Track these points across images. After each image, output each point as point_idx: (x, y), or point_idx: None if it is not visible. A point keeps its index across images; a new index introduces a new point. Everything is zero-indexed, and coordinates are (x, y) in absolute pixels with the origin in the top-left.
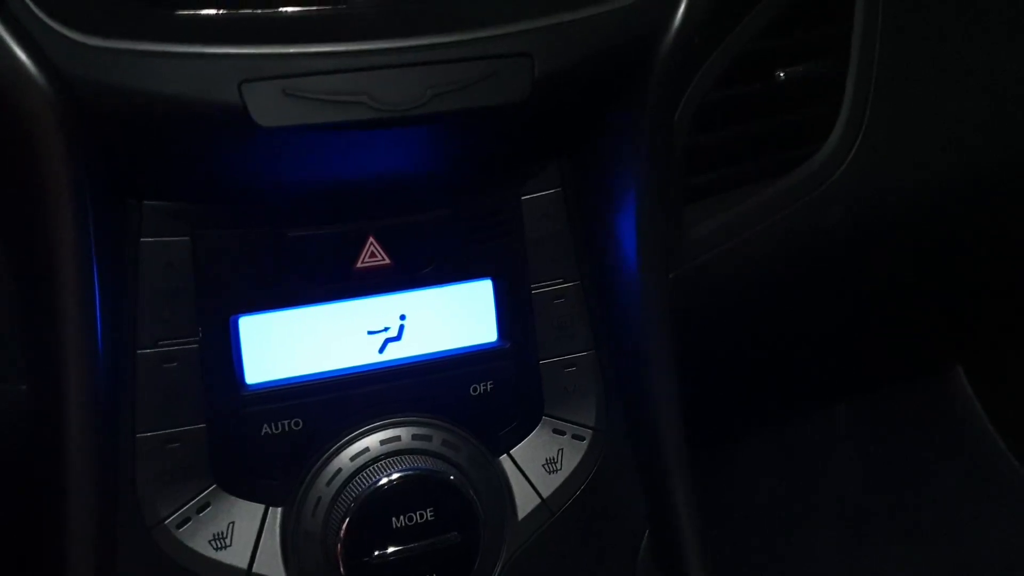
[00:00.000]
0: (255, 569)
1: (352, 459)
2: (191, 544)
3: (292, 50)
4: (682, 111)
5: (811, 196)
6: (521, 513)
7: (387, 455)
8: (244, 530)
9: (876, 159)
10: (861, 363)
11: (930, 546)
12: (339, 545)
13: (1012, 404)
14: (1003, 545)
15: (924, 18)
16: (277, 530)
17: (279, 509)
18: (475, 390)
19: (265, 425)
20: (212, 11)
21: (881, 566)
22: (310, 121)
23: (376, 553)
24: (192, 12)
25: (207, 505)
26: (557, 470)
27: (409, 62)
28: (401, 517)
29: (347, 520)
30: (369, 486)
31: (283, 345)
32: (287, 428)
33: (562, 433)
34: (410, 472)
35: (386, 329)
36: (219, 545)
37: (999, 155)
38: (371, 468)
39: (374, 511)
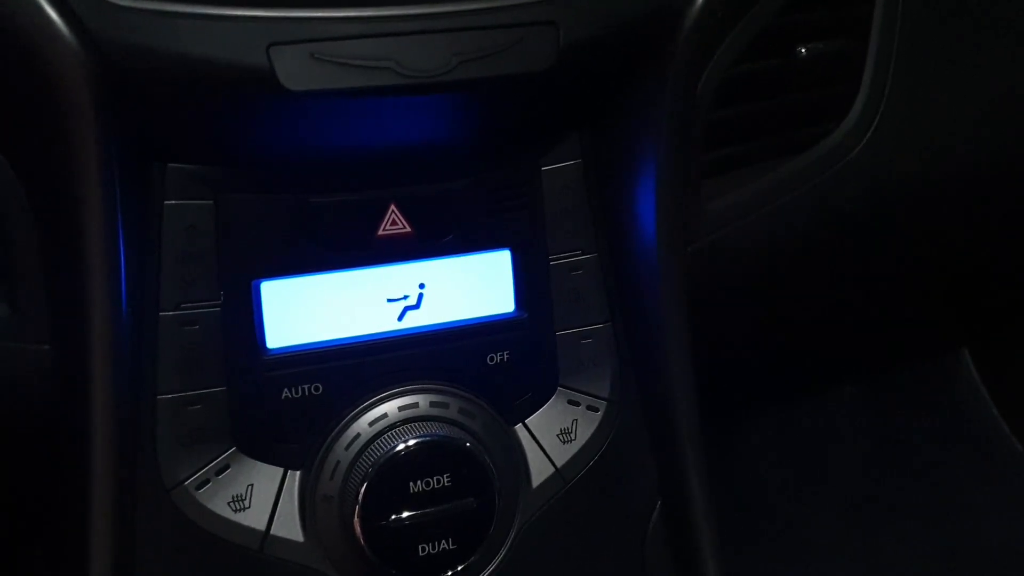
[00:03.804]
0: (273, 531)
1: (370, 424)
2: (210, 506)
3: (320, 14)
4: (704, 85)
5: (828, 174)
6: (535, 481)
7: (405, 421)
8: (263, 493)
9: (893, 139)
10: (869, 343)
11: (933, 529)
12: (357, 509)
13: (1017, 389)
14: (1006, 529)
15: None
16: (295, 493)
17: (298, 473)
18: (491, 359)
19: (285, 389)
20: None
21: (884, 549)
22: (337, 85)
23: (393, 517)
24: None
25: (226, 467)
26: (571, 440)
27: (436, 28)
28: (418, 482)
29: (365, 484)
30: (387, 451)
31: (304, 311)
32: (307, 393)
33: (577, 404)
34: (427, 438)
35: (405, 297)
36: (238, 507)
37: (1017, 140)
38: (389, 434)
39: (391, 476)
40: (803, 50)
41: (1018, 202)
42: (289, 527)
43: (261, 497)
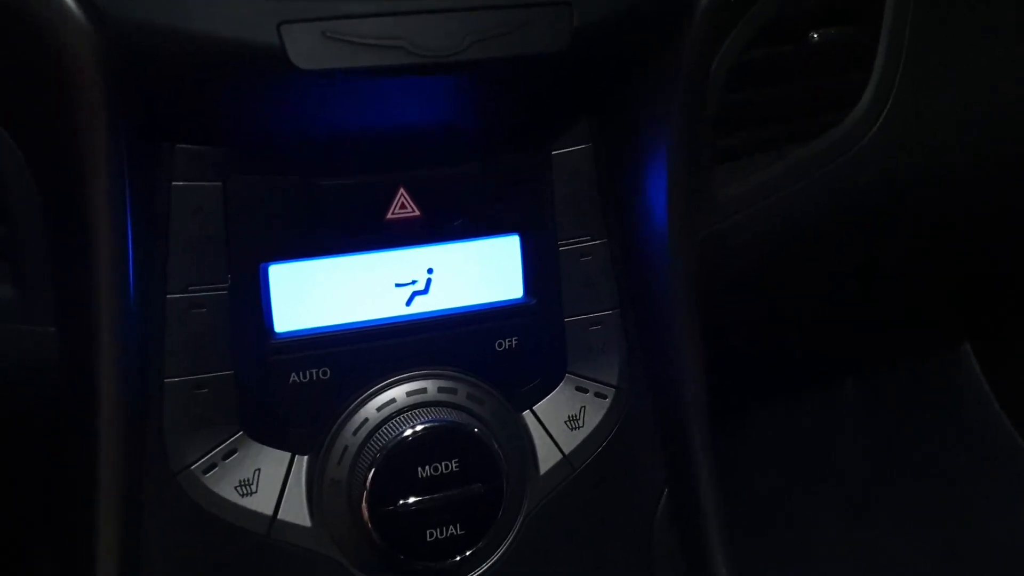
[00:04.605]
0: (280, 516)
1: (378, 409)
2: (217, 490)
3: None
4: (716, 70)
5: (838, 162)
6: (543, 468)
7: (413, 407)
8: (270, 477)
9: (904, 127)
10: (872, 338)
11: (935, 525)
12: (364, 494)
13: (1019, 384)
14: (1008, 525)
15: None
16: (303, 478)
17: (305, 457)
18: (500, 345)
19: (293, 374)
20: None
21: (885, 544)
22: (348, 65)
23: (400, 502)
24: None
25: (233, 452)
26: (579, 427)
27: (449, 8)
28: (426, 467)
29: (373, 469)
30: (395, 436)
31: (312, 294)
32: (315, 377)
33: (585, 391)
34: (435, 424)
35: (414, 282)
36: (245, 491)
37: None
38: (397, 419)
39: (399, 461)
40: (815, 36)
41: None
42: (296, 512)
43: (268, 482)
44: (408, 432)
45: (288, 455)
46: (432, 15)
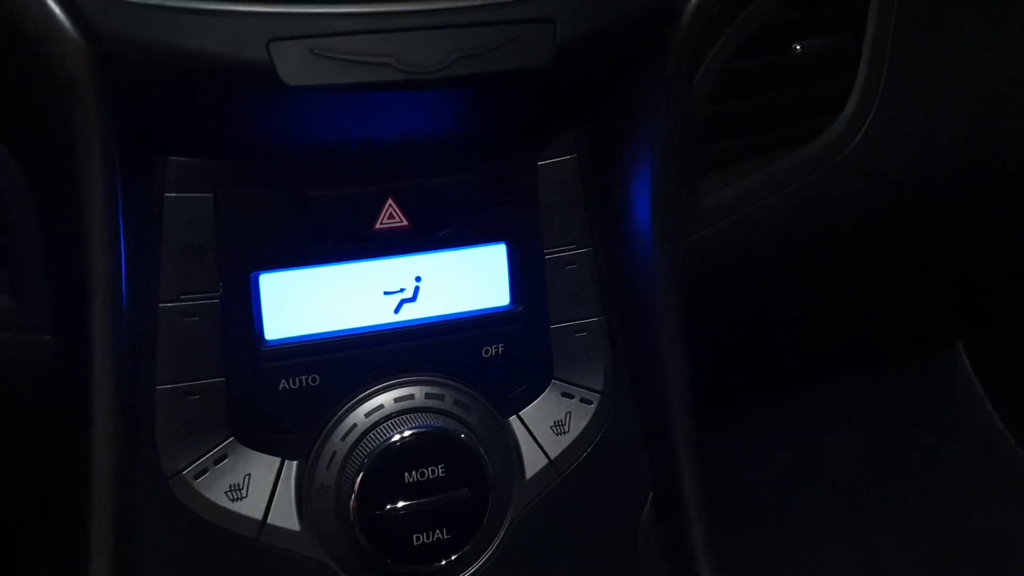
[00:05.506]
0: (270, 520)
1: (367, 415)
2: (208, 495)
3: (320, 10)
4: (700, 81)
5: (824, 169)
6: (529, 472)
7: (401, 412)
8: (260, 482)
9: (888, 135)
10: (864, 337)
11: (926, 524)
12: (353, 498)
13: (1012, 383)
14: (999, 522)
15: None
16: (292, 483)
17: (295, 462)
18: (487, 352)
19: (283, 380)
20: None
21: (877, 543)
22: (336, 81)
23: (388, 507)
24: None
25: (224, 457)
26: (565, 432)
27: (435, 25)
28: (413, 473)
29: (361, 474)
30: (383, 442)
31: (302, 303)
32: (304, 384)
33: (570, 396)
34: (422, 429)
35: (402, 290)
36: (235, 496)
37: (1011, 134)
38: (385, 425)
39: (387, 466)
40: (798, 47)
41: (1010, 197)
42: (286, 516)
43: (258, 486)
44: (396, 437)
45: (278, 460)
46: (418, 32)
